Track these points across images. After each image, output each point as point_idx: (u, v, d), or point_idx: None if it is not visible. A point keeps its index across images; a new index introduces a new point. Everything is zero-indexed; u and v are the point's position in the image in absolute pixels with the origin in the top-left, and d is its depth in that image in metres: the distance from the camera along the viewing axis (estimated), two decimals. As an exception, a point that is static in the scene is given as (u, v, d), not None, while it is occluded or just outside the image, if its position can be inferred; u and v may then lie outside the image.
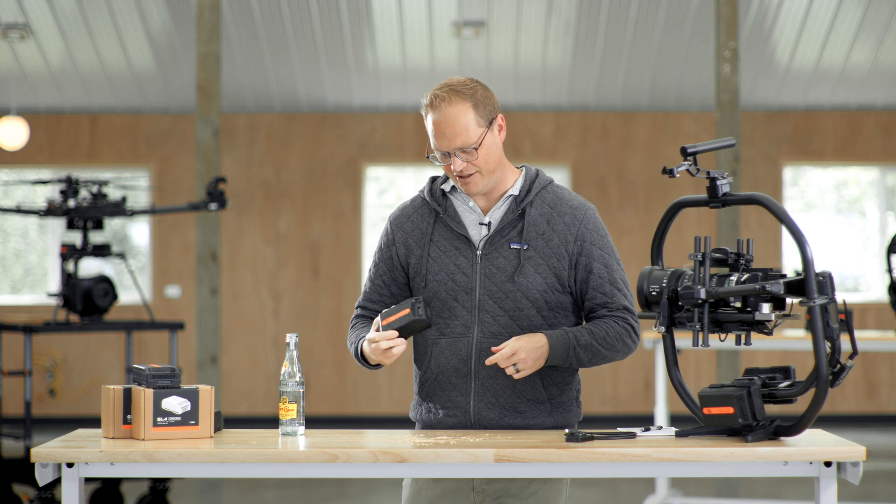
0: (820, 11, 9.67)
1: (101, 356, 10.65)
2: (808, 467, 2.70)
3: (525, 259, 2.98)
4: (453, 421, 3.00)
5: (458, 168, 2.96)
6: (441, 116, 2.95)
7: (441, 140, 2.96)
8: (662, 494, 6.81)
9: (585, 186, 10.75)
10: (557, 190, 3.06)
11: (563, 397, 3.03)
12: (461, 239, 3.02)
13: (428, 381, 3.04)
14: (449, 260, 3.01)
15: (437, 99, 2.95)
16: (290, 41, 9.92)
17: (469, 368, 2.98)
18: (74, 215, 7.00)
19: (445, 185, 3.08)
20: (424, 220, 3.06)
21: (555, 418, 3.02)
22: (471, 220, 3.04)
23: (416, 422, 3.10)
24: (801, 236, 2.67)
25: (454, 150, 2.96)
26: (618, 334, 2.97)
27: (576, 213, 3.01)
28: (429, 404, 3.04)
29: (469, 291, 2.98)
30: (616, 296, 2.99)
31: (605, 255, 3.01)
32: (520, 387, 2.98)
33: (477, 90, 2.97)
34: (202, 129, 8.44)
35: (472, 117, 2.95)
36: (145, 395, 2.85)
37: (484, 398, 2.98)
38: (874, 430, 10.32)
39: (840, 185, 11.09)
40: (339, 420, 10.47)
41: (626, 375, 10.68)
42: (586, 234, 3.00)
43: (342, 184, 10.75)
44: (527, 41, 9.95)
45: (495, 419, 2.98)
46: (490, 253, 3.00)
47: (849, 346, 3.81)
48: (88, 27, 9.73)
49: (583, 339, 2.94)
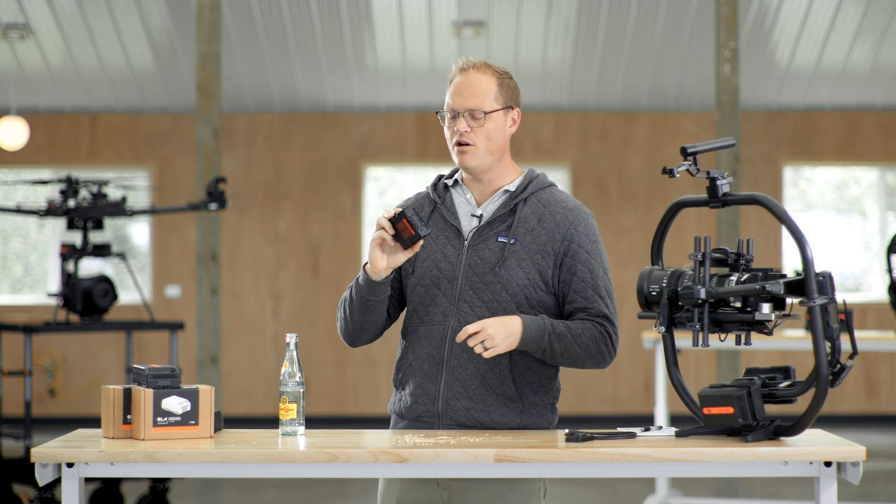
0: (820, 11, 9.67)
1: (101, 356, 10.65)
2: (808, 467, 2.70)
3: (509, 252, 2.97)
4: (422, 409, 2.99)
5: (461, 128, 2.99)
6: (466, 78, 3.02)
7: (456, 98, 3.00)
8: (662, 494, 6.81)
9: (585, 186, 10.75)
10: (556, 192, 3.06)
11: (537, 399, 3.00)
12: (452, 229, 3.04)
13: (403, 367, 3.04)
14: (437, 248, 3.03)
15: (469, 64, 3.03)
16: (290, 41, 9.92)
17: (442, 356, 2.98)
18: (74, 215, 7.00)
19: (449, 180, 3.11)
20: (423, 210, 3.08)
21: (524, 420, 2.98)
22: (465, 211, 3.06)
23: (391, 413, 3.10)
24: (801, 236, 2.67)
25: (464, 111, 2.99)
26: (594, 337, 2.94)
27: (568, 213, 3.01)
28: (401, 392, 3.04)
29: (452, 280, 2.99)
30: (597, 302, 2.97)
31: (591, 260, 2.98)
32: (489, 380, 2.96)
33: (507, 76, 3.05)
34: (202, 129, 8.44)
35: (493, 89, 3.01)
36: (145, 395, 2.85)
37: (453, 387, 2.97)
38: (874, 430, 10.32)
39: (840, 185, 11.09)
40: (339, 420, 10.47)
41: (626, 375, 10.68)
42: (575, 236, 2.99)
43: (342, 184, 10.75)
44: (527, 41, 9.95)
45: (462, 410, 2.96)
46: (477, 244, 3.00)
47: (849, 346, 3.81)
48: (88, 27, 9.73)
49: (559, 328, 2.91)
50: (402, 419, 3.05)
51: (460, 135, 2.99)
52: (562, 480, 7.61)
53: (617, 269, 10.70)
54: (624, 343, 10.69)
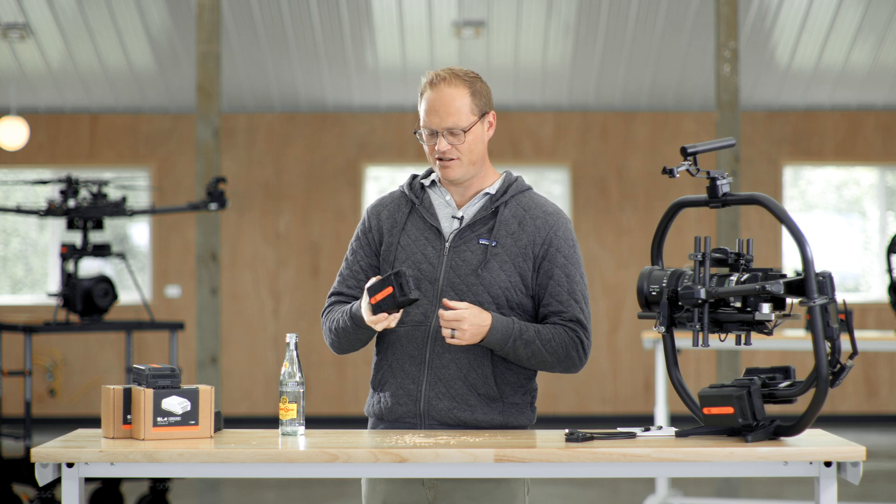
0: (820, 11, 9.67)
1: (101, 356, 10.65)
2: (808, 467, 2.70)
3: (491, 255, 2.99)
4: (403, 410, 2.99)
5: (442, 149, 2.99)
6: (438, 94, 3.00)
7: (432, 117, 2.99)
8: (662, 494, 6.81)
9: (585, 186, 10.75)
10: (535, 196, 3.08)
11: (517, 398, 3.02)
12: (432, 230, 3.04)
13: (382, 368, 3.04)
14: (417, 249, 3.02)
15: (438, 78, 3.01)
16: (290, 41, 9.92)
17: (423, 357, 2.98)
18: (74, 215, 7.00)
19: (426, 180, 3.11)
20: (400, 211, 3.08)
21: (506, 418, 3.00)
22: (444, 213, 3.07)
23: (369, 416, 3.09)
24: (801, 236, 2.67)
25: (443, 130, 2.99)
26: (564, 343, 2.96)
27: (548, 218, 3.03)
28: (380, 394, 3.04)
29: (433, 281, 2.99)
30: (572, 306, 2.99)
31: (568, 265, 3.01)
32: (471, 379, 2.97)
33: (477, 81, 3.03)
34: (202, 129, 8.44)
35: (467, 102, 3.00)
36: (145, 395, 2.85)
37: (435, 388, 2.97)
38: (874, 430, 10.32)
39: (840, 185, 11.09)
40: (339, 420, 10.47)
41: (626, 375, 10.68)
42: (554, 241, 3.01)
43: (342, 184, 10.75)
44: (527, 41, 9.95)
45: (445, 411, 2.97)
46: (458, 246, 3.01)
47: (849, 346, 3.82)
48: (88, 27, 9.73)
49: (527, 334, 2.93)
50: (381, 421, 3.04)
51: (441, 153, 3.00)
52: (562, 480, 7.61)
53: (617, 269, 10.70)
54: (624, 343, 10.69)
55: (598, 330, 10.65)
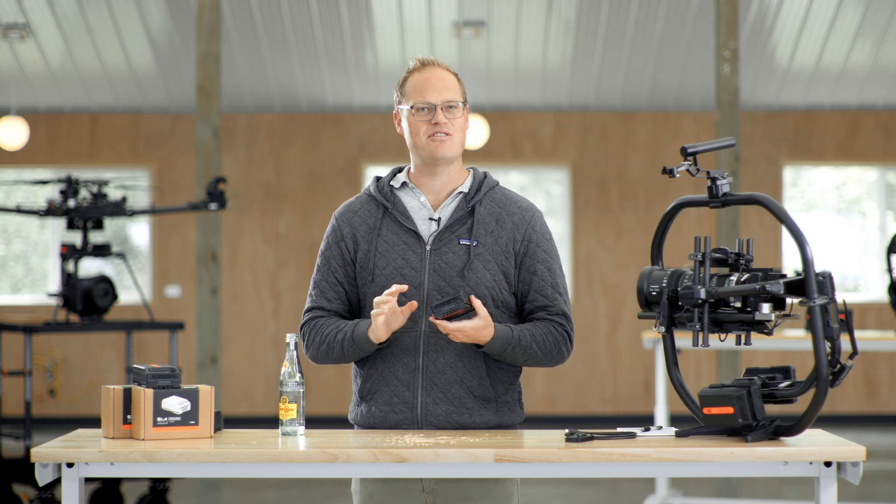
0: (820, 11, 9.67)
1: (101, 356, 10.65)
2: (808, 467, 2.70)
3: (474, 255, 2.99)
4: (398, 417, 2.98)
5: (441, 120, 3.00)
6: (432, 72, 3.04)
7: (430, 91, 3.01)
8: (662, 494, 6.81)
9: (585, 186, 10.75)
10: (505, 191, 3.09)
11: (508, 397, 3.04)
12: (410, 234, 3.02)
13: (372, 377, 3.01)
14: (397, 254, 3.00)
15: (428, 61, 3.07)
16: (290, 41, 9.92)
17: (417, 363, 2.97)
18: (74, 215, 7.00)
19: (394, 181, 3.08)
20: (372, 216, 3.05)
21: (500, 417, 3.02)
22: (420, 215, 3.04)
23: (354, 424, 3.06)
24: (801, 236, 2.67)
25: (441, 103, 3.01)
26: (556, 341, 2.99)
27: (524, 213, 3.05)
28: (369, 403, 3.01)
29: (418, 286, 2.98)
30: (557, 300, 3.02)
31: (549, 259, 3.03)
32: (468, 382, 2.97)
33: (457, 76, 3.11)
34: (202, 129, 8.44)
35: (458, 85, 3.06)
36: (145, 395, 2.85)
37: (432, 393, 2.97)
38: (874, 430, 10.32)
39: (840, 185, 11.09)
40: (339, 420, 10.47)
41: (626, 375, 10.68)
42: (533, 236, 3.03)
43: (342, 184, 10.75)
44: (527, 41, 9.95)
45: (443, 415, 2.97)
46: (439, 248, 3.00)
47: (849, 346, 3.81)
48: (88, 27, 9.73)
49: (524, 340, 2.95)
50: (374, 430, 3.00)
51: (440, 125, 3.00)
52: (562, 480, 7.61)
53: (617, 269, 10.71)
54: (624, 343, 10.69)
55: (598, 330, 10.65)
